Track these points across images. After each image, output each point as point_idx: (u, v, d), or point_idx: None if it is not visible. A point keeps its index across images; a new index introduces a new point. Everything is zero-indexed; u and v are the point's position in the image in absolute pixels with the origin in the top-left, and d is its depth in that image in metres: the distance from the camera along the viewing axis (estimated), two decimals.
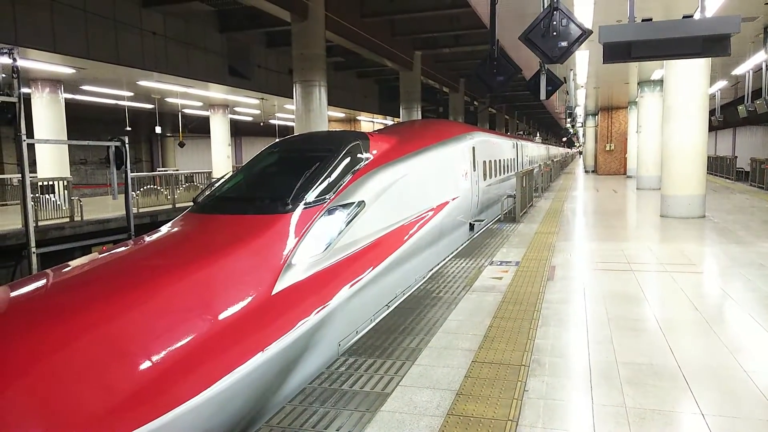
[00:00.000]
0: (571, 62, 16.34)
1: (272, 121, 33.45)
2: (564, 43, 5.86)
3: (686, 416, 3.25)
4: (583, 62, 16.48)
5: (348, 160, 6.20)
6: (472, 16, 15.17)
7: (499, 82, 7.91)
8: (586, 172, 35.80)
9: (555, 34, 5.85)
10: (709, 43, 5.71)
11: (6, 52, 7.91)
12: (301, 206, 5.26)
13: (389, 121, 37.27)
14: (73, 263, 4.84)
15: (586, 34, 5.90)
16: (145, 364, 3.38)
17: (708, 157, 13.98)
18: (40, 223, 12.17)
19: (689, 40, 5.70)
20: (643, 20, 5.91)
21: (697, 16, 6.20)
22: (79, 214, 13.42)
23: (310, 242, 5.05)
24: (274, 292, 4.43)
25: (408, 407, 3.39)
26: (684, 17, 5.89)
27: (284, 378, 4.23)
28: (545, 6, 6.07)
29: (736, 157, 26.15)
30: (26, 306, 3.98)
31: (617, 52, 5.95)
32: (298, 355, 4.36)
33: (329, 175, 5.79)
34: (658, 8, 10.43)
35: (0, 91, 7.90)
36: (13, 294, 4.17)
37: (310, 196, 5.41)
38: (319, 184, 5.60)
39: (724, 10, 9.87)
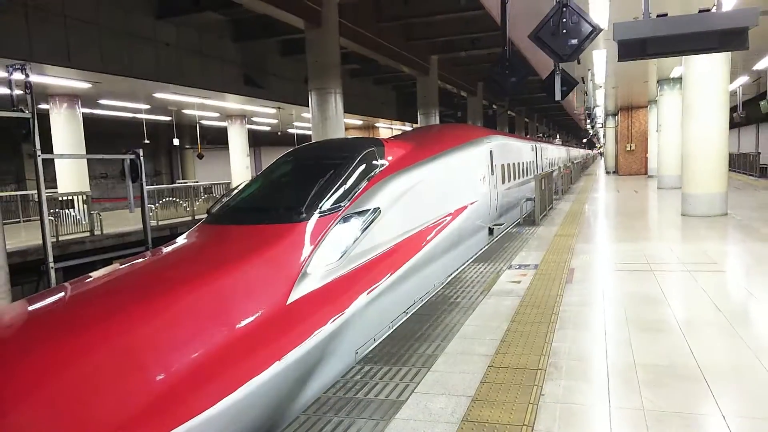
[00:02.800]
0: (588, 62, 16.19)
1: (290, 130, 33.63)
2: (574, 41, 5.77)
3: (707, 418, 3.17)
4: (600, 62, 16.30)
5: (363, 167, 6.19)
6: (487, 19, 15.16)
7: (512, 84, 7.86)
8: (608, 173, 35.38)
9: (565, 32, 5.77)
10: (727, 38, 5.60)
11: (19, 68, 7.99)
12: (316, 214, 5.26)
13: (407, 127, 37.27)
14: (90, 276, 4.90)
15: (597, 31, 5.81)
16: (162, 375, 3.40)
17: (731, 154, 13.74)
18: (60, 238, 12.35)
19: (706, 35, 5.60)
20: (658, 16, 5.82)
21: (714, 10, 6.09)
22: (99, 228, 13.58)
23: (326, 250, 5.04)
24: (289, 302, 4.42)
25: (423, 414, 3.35)
26: (700, 11, 5.78)
27: (300, 387, 4.23)
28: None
29: (760, 153, 25.59)
30: (43, 318, 4.03)
31: (632, 49, 5.86)
32: (314, 364, 4.34)
33: (344, 183, 5.79)
34: (674, 3, 10.26)
35: (14, 107, 7.98)
36: (32, 307, 4.23)
37: (325, 204, 5.40)
38: (334, 192, 5.60)
39: (743, 4, 9.67)
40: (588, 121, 32.46)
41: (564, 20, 5.78)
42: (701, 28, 5.52)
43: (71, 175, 18.08)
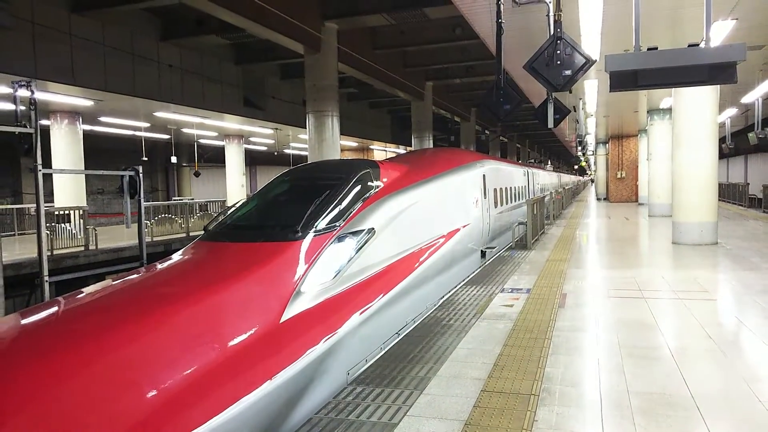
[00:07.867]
0: (580, 91, 16.46)
1: (287, 151, 33.85)
2: (568, 72, 5.91)
3: None
4: (592, 91, 16.58)
5: (358, 187, 6.25)
6: (482, 48, 15.42)
7: (505, 111, 7.98)
8: (598, 199, 35.65)
9: (559, 62, 5.91)
10: (716, 71, 5.73)
11: (24, 85, 8.13)
12: (311, 234, 5.28)
13: (402, 150, 37.57)
14: (82, 291, 4.86)
15: (590, 62, 5.95)
16: (152, 393, 3.36)
17: (720, 184, 13.93)
18: (55, 252, 12.32)
19: (695, 68, 5.72)
20: (648, 49, 5.96)
21: (703, 45, 6.24)
22: (94, 243, 13.56)
23: (320, 270, 5.05)
24: (282, 320, 4.42)
25: None
26: (690, 45, 5.93)
27: (291, 407, 4.18)
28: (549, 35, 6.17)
29: (749, 183, 25.91)
30: (32, 333, 3.98)
31: (624, 80, 5.98)
32: (305, 384, 4.31)
33: (339, 203, 5.82)
34: (664, 37, 10.53)
35: (18, 122, 8.09)
36: (23, 321, 4.19)
37: (320, 224, 5.43)
38: (329, 212, 5.63)
39: (731, 40, 9.94)
40: (579, 148, 32.79)
41: (558, 51, 5.92)
42: (691, 61, 5.65)
43: (69, 190, 18.17)
